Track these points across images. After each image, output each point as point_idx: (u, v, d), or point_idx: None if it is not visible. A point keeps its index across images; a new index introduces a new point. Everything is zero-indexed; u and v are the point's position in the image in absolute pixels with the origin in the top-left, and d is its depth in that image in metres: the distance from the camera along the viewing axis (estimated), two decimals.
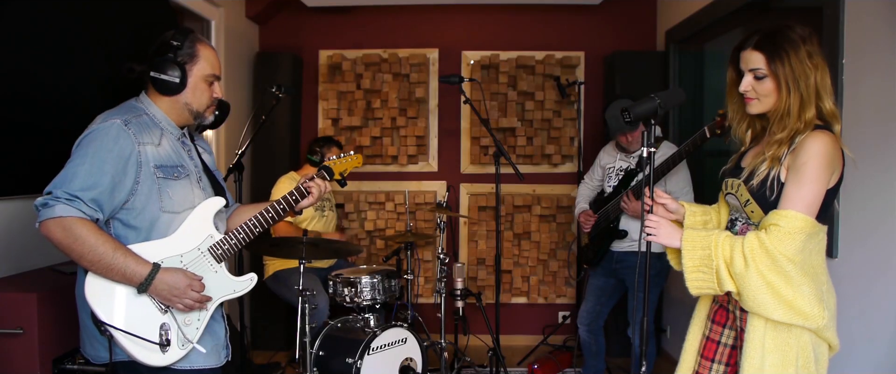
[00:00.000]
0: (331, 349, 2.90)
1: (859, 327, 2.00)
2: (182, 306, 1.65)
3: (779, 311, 1.56)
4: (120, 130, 1.60)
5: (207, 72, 1.75)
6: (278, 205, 1.85)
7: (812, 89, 1.57)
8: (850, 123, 2.06)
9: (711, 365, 1.81)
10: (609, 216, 3.02)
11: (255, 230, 1.82)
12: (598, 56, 4.13)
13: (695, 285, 1.66)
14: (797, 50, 1.57)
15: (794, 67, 1.57)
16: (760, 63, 1.61)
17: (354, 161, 2.08)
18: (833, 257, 2.12)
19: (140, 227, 1.65)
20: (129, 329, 1.59)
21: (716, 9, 3.09)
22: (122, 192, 1.60)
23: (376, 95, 4.13)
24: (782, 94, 1.59)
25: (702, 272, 1.63)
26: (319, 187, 1.91)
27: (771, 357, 1.59)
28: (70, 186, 1.53)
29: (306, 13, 4.11)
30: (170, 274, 1.63)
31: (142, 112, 1.71)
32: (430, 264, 4.17)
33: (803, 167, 1.54)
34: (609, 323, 3.53)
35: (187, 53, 1.72)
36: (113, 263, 1.55)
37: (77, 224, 1.51)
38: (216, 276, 1.76)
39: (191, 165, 1.78)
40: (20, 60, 2.17)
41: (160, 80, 1.69)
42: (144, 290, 1.61)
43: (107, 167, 1.56)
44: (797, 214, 1.53)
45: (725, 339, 1.80)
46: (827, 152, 1.54)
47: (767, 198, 1.62)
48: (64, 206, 1.51)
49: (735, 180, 1.73)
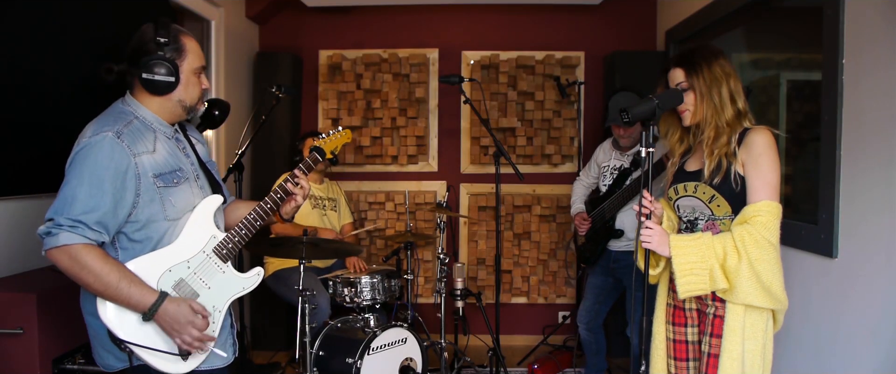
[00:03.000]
0: (331, 349, 2.90)
1: (859, 327, 2.00)
2: (180, 341, 1.61)
3: (759, 297, 1.70)
4: (114, 144, 1.54)
5: (196, 65, 1.70)
6: (276, 194, 1.83)
7: (725, 96, 1.79)
8: (850, 123, 2.06)
9: (687, 364, 1.91)
10: (604, 216, 3.02)
11: (255, 223, 1.79)
12: (598, 56, 4.13)
13: (686, 288, 1.76)
14: (710, 63, 1.81)
15: (707, 78, 1.80)
16: (681, 77, 1.85)
17: (343, 137, 2.04)
18: (833, 257, 2.12)
19: (145, 239, 1.63)
20: (148, 344, 1.58)
21: (716, 9, 3.08)
22: (125, 208, 1.57)
23: (376, 95, 4.13)
24: (699, 103, 1.82)
25: (694, 275, 1.74)
26: (302, 186, 1.86)
27: (750, 343, 1.73)
28: (71, 211, 1.49)
29: (306, 13, 4.11)
30: (173, 305, 1.59)
31: (131, 116, 1.63)
32: (430, 264, 4.17)
33: (760, 158, 1.72)
34: (608, 322, 3.54)
35: (175, 49, 1.65)
36: (118, 292, 1.53)
37: (82, 252, 1.49)
38: (224, 276, 1.75)
39: (187, 165, 1.74)
40: (20, 60, 2.18)
41: (153, 81, 1.62)
42: (149, 319, 1.58)
43: (106, 186, 1.52)
44: (770, 202, 1.70)
45: (690, 337, 1.91)
46: (773, 143, 1.75)
47: (733, 190, 1.77)
48: (68, 234, 1.47)
49: (690, 183, 1.87)
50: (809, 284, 2.24)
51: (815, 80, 2.33)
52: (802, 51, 2.65)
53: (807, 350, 2.26)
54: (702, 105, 1.82)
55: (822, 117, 2.16)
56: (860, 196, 2.02)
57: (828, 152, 2.13)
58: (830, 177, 2.12)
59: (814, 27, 2.24)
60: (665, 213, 1.94)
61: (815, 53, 2.26)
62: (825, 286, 2.17)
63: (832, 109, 2.10)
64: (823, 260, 2.17)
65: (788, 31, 2.79)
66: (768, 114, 2.82)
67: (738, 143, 1.78)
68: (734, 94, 1.80)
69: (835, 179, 2.10)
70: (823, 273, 2.17)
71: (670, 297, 1.95)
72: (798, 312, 2.26)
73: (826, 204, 2.14)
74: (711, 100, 1.80)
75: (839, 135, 2.09)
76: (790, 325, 2.29)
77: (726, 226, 1.80)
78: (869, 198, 1.98)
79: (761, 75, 2.95)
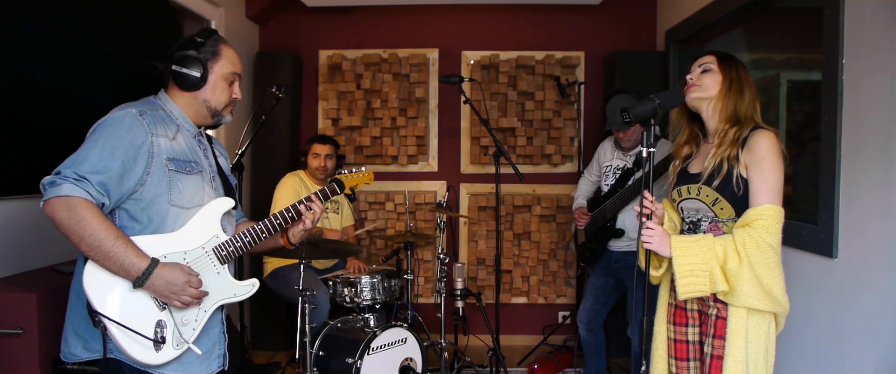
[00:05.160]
0: (331, 349, 2.90)
1: (859, 327, 2.00)
2: (179, 302, 1.62)
3: (760, 299, 1.70)
4: (134, 119, 1.60)
5: (228, 70, 1.77)
6: (287, 212, 1.86)
7: (748, 100, 1.83)
8: (850, 123, 2.06)
9: (688, 364, 1.91)
10: (606, 215, 3.02)
11: (261, 236, 1.81)
12: (598, 56, 4.13)
13: (686, 289, 1.76)
14: (744, 69, 1.87)
15: (740, 73, 1.85)
16: (712, 61, 1.88)
17: (365, 177, 2.15)
18: (833, 257, 2.12)
19: (146, 220, 1.63)
20: (124, 322, 1.57)
21: (716, 9, 3.08)
22: (131, 180, 1.59)
23: (376, 95, 4.13)
24: (724, 87, 1.84)
25: (695, 276, 1.74)
26: (314, 211, 1.89)
27: (753, 345, 1.73)
28: (79, 167, 1.52)
29: (306, 13, 4.11)
30: (168, 270, 1.60)
31: (159, 107, 1.72)
32: (430, 264, 4.17)
33: (763, 161, 1.73)
34: (609, 322, 3.54)
35: (210, 51, 1.74)
36: (112, 251, 1.52)
37: (82, 205, 1.49)
38: (218, 277, 1.75)
39: (205, 164, 1.77)
40: (20, 60, 2.17)
41: (181, 74, 1.70)
42: (140, 284, 1.56)
43: (117, 153, 1.56)
44: (772, 205, 1.70)
45: (691, 337, 1.91)
46: (777, 146, 1.75)
47: (736, 193, 1.77)
48: (71, 185, 1.49)
49: (693, 186, 1.87)
50: (809, 284, 2.24)
51: (815, 80, 2.33)
52: (802, 51, 2.65)
53: (807, 350, 2.26)
54: (725, 89, 1.83)
55: (822, 117, 2.16)
56: (860, 196, 2.02)
57: (828, 152, 2.13)
58: (830, 177, 2.12)
59: (814, 27, 2.24)
60: (666, 214, 1.94)
61: (815, 53, 2.26)
62: (825, 286, 2.17)
63: (832, 109, 2.10)
64: (823, 260, 2.17)
65: (788, 31, 2.79)
66: (768, 114, 2.81)
67: (741, 145, 1.79)
68: (755, 102, 1.84)
69: (835, 179, 2.10)
70: (823, 273, 2.17)
71: (672, 296, 1.96)
72: (798, 312, 2.26)
73: (826, 204, 2.14)
74: (740, 93, 1.82)
75: (839, 135, 2.09)
76: (790, 325, 2.29)
77: (729, 228, 1.81)
78: (869, 198, 1.98)
79: (761, 75, 2.95)
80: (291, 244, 1.94)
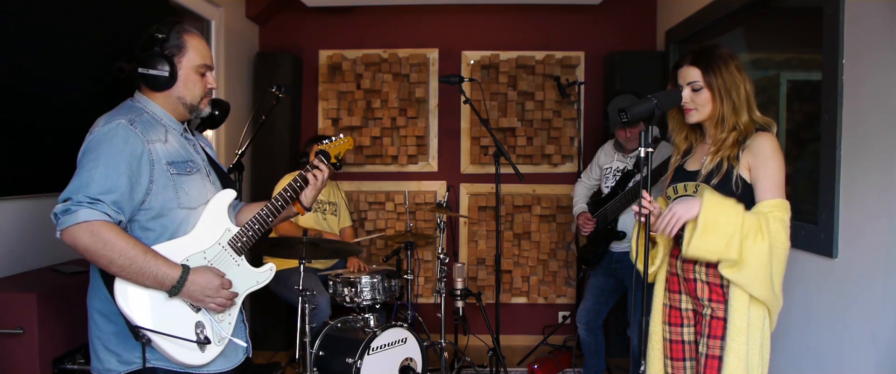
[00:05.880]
0: (331, 349, 2.90)
1: (859, 327, 2.00)
2: (214, 305, 1.63)
3: (761, 285, 1.70)
4: (127, 130, 1.55)
5: (197, 62, 1.70)
6: (286, 192, 1.86)
7: (743, 98, 1.81)
8: (850, 123, 2.06)
9: (684, 364, 1.91)
10: (607, 218, 3.02)
11: (268, 220, 1.81)
12: (598, 56, 4.13)
13: (698, 246, 1.70)
14: (727, 64, 1.82)
15: (726, 79, 1.81)
16: (697, 76, 1.84)
17: (346, 143, 2.09)
18: (833, 258, 2.12)
19: (160, 228, 1.62)
20: (166, 331, 1.55)
21: (716, 9, 3.08)
22: (140, 192, 1.57)
23: (376, 95, 4.13)
24: (716, 103, 1.83)
25: (715, 234, 1.68)
26: (322, 171, 1.90)
27: (754, 335, 1.73)
28: (89, 190, 1.47)
29: (306, 13, 4.11)
30: (201, 275, 1.60)
31: (142, 111, 1.66)
32: (430, 264, 4.17)
33: (769, 161, 1.76)
34: (609, 322, 3.53)
35: (174, 45, 1.67)
36: (144, 267, 1.50)
37: (104, 228, 1.46)
38: (239, 269, 1.75)
39: (199, 160, 1.76)
40: (19, 60, 2.17)
41: (149, 75, 1.64)
42: (176, 293, 1.56)
43: (122, 168, 1.52)
44: (784, 201, 1.74)
45: (687, 338, 1.92)
46: (778, 146, 1.79)
47: (734, 193, 1.78)
48: (87, 210, 1.45)
49: (690, 183, 1.88)
50: (809, 284, 2.24)
51: (815, 80, 2.33)
52: (802, 51, 2.65)
53: (807, 350, 2.25)
54: (719, 105, 1.83)
55: (822, 117, 2.16)
56: (860, 196, 2.02)
57: (828, 153, 2.13)
58: (830, 177, 2.12)
59: (814, 27, 2.24)
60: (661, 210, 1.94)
61: (815, 53, 2.26)
62: (825, 286, 2.17)
63: (832, 109, 2.10)
64: (823, 260, 2.17)
65: (788, 31, 2.79)
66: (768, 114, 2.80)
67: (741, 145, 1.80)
68: (750, 97, 1.83)
69: (835, 180, 2.10)
70: (823, 273, 2.17)
71: (666, 297, 1.95)
72: (798, 312, 2.26)
73: (826, 204, 2.14)
74: (731, 99, 1.81)
75: (839, 135, 2.09)
76: (790, 325, 2.29)
77: None
78: (869, 198, 1.98)
79: (761, 75, 2.95)
80: (306, 208, 1.93)
